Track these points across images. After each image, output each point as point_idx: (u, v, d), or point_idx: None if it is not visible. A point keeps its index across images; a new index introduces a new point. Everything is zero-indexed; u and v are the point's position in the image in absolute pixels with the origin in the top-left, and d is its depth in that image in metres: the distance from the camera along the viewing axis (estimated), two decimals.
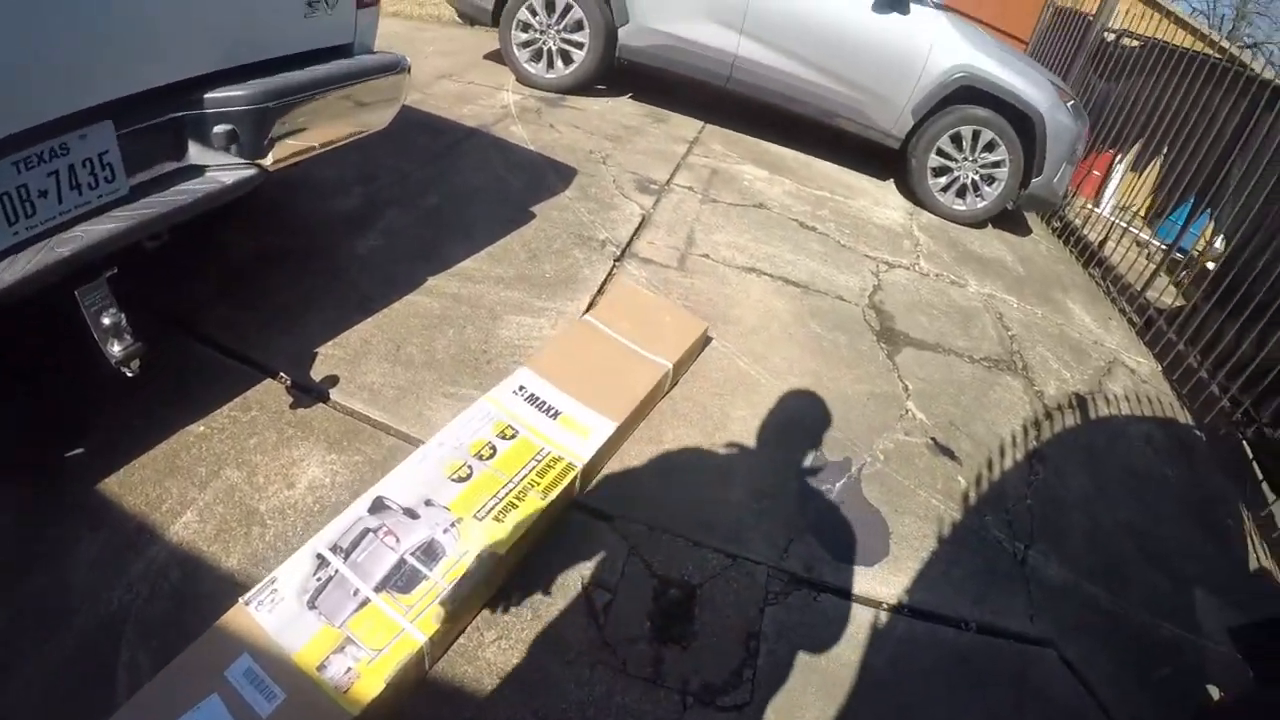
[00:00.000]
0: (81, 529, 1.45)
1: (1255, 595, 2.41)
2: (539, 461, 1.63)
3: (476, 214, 2.88)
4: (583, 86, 4.62)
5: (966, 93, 4.24)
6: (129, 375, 1.48)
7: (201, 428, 1.71)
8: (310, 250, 2.45)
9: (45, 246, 1.30)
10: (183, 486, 1.57)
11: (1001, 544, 2.12)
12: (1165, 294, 4.44)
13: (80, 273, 1.37)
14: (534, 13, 4.41)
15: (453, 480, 1.54)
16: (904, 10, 4.17)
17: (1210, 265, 4.28)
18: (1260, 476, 3.11)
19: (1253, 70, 4.28)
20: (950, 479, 2.30)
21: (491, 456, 1.62)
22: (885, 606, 1.79)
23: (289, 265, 2.35)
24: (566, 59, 4.50)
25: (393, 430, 1.83)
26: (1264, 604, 2.37)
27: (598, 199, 3.27)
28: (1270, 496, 2.97)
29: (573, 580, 1.57)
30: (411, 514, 1.45)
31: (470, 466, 1.58)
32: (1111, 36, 5.59)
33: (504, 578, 1.48)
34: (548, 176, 3.37)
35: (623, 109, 4.68)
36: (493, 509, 1.49)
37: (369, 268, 2.41)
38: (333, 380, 1.93)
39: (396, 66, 2.01)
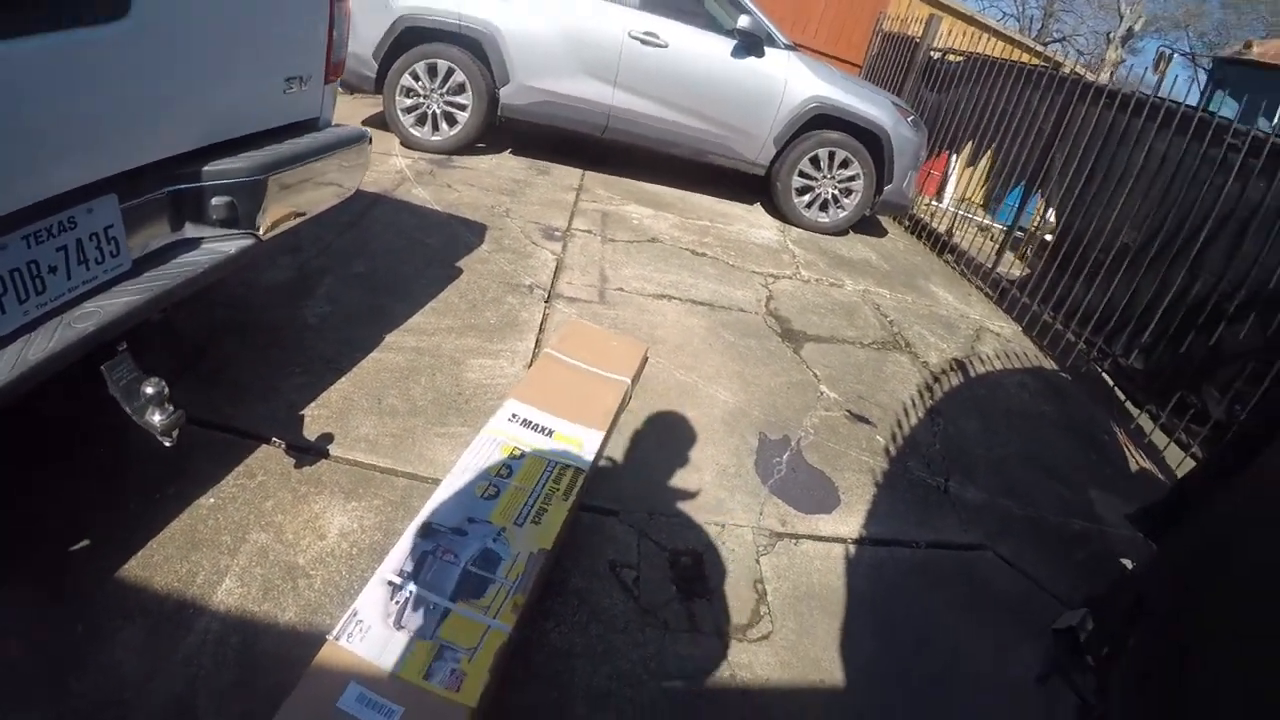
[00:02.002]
0: (115, 619, 1.40)
1: (1140, 488, 2.98)
2: (551, 472, 1.87)
3: (408, 274, 3.01)
4: (467, 146, 4.79)
5: (820, 120, 4.84)
6: (167, 445, 1.46)
7: (211, 500, 1.71)
8: (258, 322, 2.48)
9: (61, 324, 1.28)
10: (212, 557, 1.57)
11: (925, 481, 2.57)
12: (1013, 267, 5.20)
13: (100, 349, 1.37)
14: (417, 78, 4.54)
15: (485, 499, 1.74)
16: (759, 54, 4.72)
17: (1048, 237, 5.02)
18: (1123, 398, 3.81)
19: (1064, 71, 5.11)
20: (871, 439, 2.72)
21: (510, 475, 1.84)
22: (851, 541, 2.16)
23: (241, 337, 2.37)
24: (451, 121, 4.66)
25: (401, 473, 1.93)
26: (1149, 494, 2.90)
27: (513, 249, 3.51)
28: (1135, 412, 3.63)
29: (600, 566, 1.81)
30: (459, 532, 1.63)
31: (495, 485, 1.79)
32: (937, 55, 6.51)
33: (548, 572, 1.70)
34: (461, 233, 3.55)
35: (507, 164, 4.91)
36: (528, 515, 1.71)
37: (324, 333, 2.47)
38: (328, 437, 1.99)
39: (363, 138, 2.16)
